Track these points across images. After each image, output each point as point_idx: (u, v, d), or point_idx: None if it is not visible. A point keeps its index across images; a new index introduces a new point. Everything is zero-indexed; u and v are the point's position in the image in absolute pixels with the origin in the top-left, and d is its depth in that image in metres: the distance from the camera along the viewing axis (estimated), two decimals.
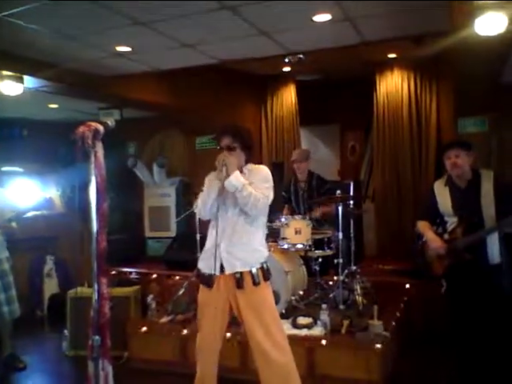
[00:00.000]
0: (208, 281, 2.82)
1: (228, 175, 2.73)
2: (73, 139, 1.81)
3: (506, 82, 5.39)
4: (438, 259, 3.63)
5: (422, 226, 3.77)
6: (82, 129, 1.81)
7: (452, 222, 3.60)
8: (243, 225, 2.82)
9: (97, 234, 1.78)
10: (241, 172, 2.83)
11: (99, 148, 1.81)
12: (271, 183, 2.89)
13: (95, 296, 1.86)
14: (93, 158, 1.78)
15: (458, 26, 3.86)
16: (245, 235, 2.82)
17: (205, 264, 2.86)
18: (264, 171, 2.93)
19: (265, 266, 2.84)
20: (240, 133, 2.95)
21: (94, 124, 1.82)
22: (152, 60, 5.11)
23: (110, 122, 1.91)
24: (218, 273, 2.77)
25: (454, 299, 3.65)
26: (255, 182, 2.82)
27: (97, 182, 1.77)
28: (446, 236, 3.60)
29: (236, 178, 2.73)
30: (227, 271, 2.77)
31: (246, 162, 2.94)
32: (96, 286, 1.86)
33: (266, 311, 2.78)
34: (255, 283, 2.76)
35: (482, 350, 3.58)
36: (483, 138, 5.80)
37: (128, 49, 4.61)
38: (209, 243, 2.89)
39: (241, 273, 2.76)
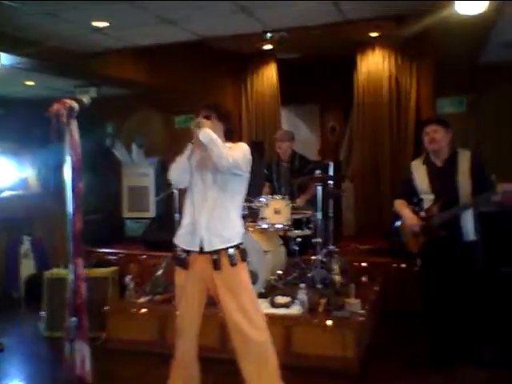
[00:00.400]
0: (183, 262, 2.80)
1: None
2: (47, 117, 1.76)
3: (485, 62, 5.43)
4: (413, 237, 3.69)
5: (399, 205, 3.81)
6: (56, 106, 1.76)
7: (428, 199, 3.65)
8: (222, 200, 2.79)
9: (72, 215, 1.74)
10: None
11: (74, 126, 1.76)
12: (247, 155, 2.82)
13: (71, 277, 1.84)
14: (68, 137, 1.74)
15: (438, 5, 3.85)
16: (224, 211, 2.79)
17: (182, 240, 2.83)
18: (241, 145, 2.89)
19: (241, 246, 2.82)
20: (215, 105, 2.96)
21: (68, 101, 1.77)
22: (130, 36, 4.99)
23: (85, 100, 1.86)
24: (197, 249, 2.75)
25: (429, 276, 3.72)
26: (231, 150, 2.78)
27: (72, 162, 1.73)
28: (423, 213, 3.66)
29: (209, 132, 2.70)
30: (206, 248, 2.74)
31: (227, 138, 2.90)
32: (72, 267, 1.83)
33: (243, 292, 2.77)
34: (232, 264, 2.74)
35: (455, 325, 3.67)
36: (461, 118, 5.85)
37: (105, 24, 4.49)
38: (187, 219, 2.85)
39: (218, 254, 2.74)
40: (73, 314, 1.90)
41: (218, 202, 2.78)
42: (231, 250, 2.75)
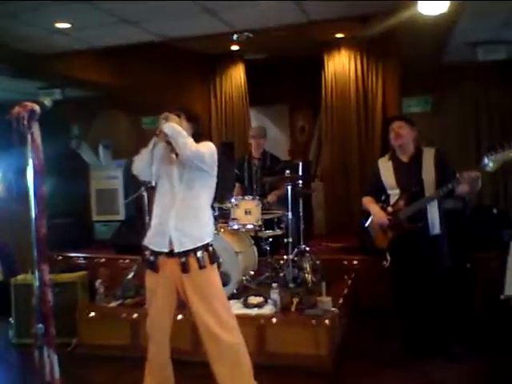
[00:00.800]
0: (153, 265, 2.77)
1: None
2: (8, 120, 1.72)
3: (448, 62, 5.55)
4: (382, 233, 3.75)
5: (367, 201, 3.87)
6: (17, 109, 1.72)
7: (395, 194, 3.71)
8: (190, 199, 2.76)
9: (36, 220, 1.71)
10: None
11: (36, 129, 1.72)
12: (214, 154, 2.81)
13: (37, 283, 1.80)
14: (30, 140, 1.70)
15: (401, 6, 3.92)
16: (192, 210, 2.76)
17: (152, 241, 2.80)
18: (207, 143, 2.87)
19: (210, 248, 2.79)
20: (185, 107, 2.95)
21: (29, 104, 1.73)
22: (92, 37, 4.93)
23: (47, 102, 1.82)
24: (166, 250, 2.73)
25: (398, 271, 3.78)
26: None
27: (34, 165, 1.69)
28: (390, 209, 3.72)
29: (174, 124, 2.69)
30: (176, 249, 2.71)
31: (196, 140, 2.84)
32: (37, 274, 1.79)
33: (213, 294, 2.76)
34: (201, 267, 2.71)
35: (424, 320, 3.74)
36: (426, 117, 5.98)
37: (67, 25, 4.42)
38: (155, 220, 2.82)
39: (186, 256, 2.71)
40: (40, 321, 1.86)
41: (185, 201, 2.76)
42: (199, 253, 2.72)
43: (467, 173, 3.26)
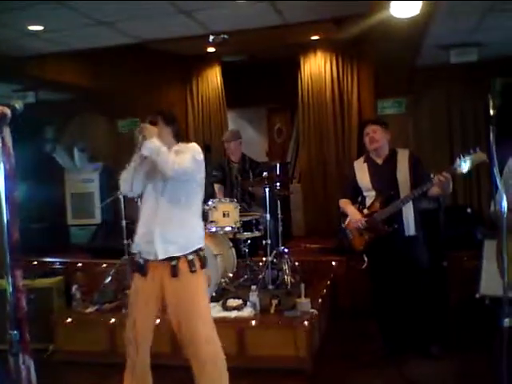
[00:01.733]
0: (142, 268, 2.74)
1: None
2: None
3: (421, 65, 5.63)
4: (359, 234, 3.78)
5: (344, 203, 3.91)
6: None
7: (371, 196, 3.75)
8: (176, 208, 2.72)
9: (8, 225, 1.68)
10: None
11: (7, 133, 1.69)
12: (197, 156, 2.76)
13: (10, 290, 1.77)
14: (0, 144, 1.67)
15: (374, 8, 3.97)
16: (178, 218, 2.73)
17: (139, 249, 2.77)
18: (191, 145, 2.83)
19: (201, 253, 2.77)
20: (161, 109, 2.92)
21: (0, 108, 1.70)
22: (67, 39, 4.88)
23: (18, 106, 1.78)
24: (153, 258, 2.70)
25: (375, 272, 3.82)
26: (180, 154, 2.73)
27: (5, 170, 1.66)
28: (366, 211, 3.75)
29: (152, 142, 2.63)
30: (160, 256, 2.68)
31: (178, 140, 2.86)
32: (10, 280, 1.76)
33: (201, 300, 2.74)
34: (191, 271, 2.69)
35: (403, 320, 3.78)
36: (401, 119, 6.06)
37: (40, 27, 4.37)
38: (141, 229, 2.78)
39: (177, 260, 2.68)
40: (14, 327, 1.83)
41: (171, 210, 2.72)
42: (190, 257, 2.70)
43: (439, 175, 3.31)
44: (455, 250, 4.74)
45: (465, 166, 3.22)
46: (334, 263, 5.21)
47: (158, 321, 3.49)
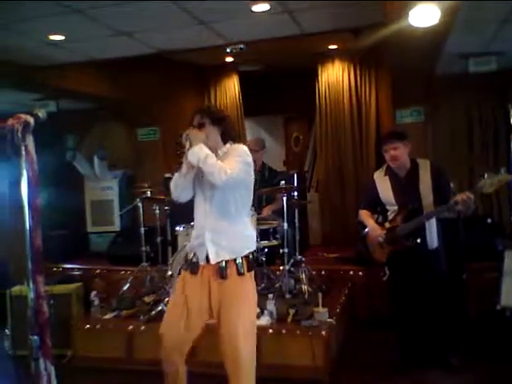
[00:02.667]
0: (194, 267, 2.72)
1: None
2: (2, 133, 1.73)
3: (440, 73, 5.59)
4: (379, 247, 3.74)
5: (364, 215, 3.87)
6: (10, 122, 1.73)
7: (393, 210, 3.71)
8: (225, 213, 2.69)
9: (30, 231, 1.71)
10: (216, 154, 2.69)
11: (30, 141, 1.73)
12: (245, 158, 2.69)
13: (32, 295, 1.80)
14: (23, 152, 1.71)
15: (392, 18, 3.96)
16: (228, 223, 2.70)
17: (192, 251, 2.78)
18: (239, 148, 2.75)
19: (250, 256, 2.73)
20: (208, 108, 2.88)
21: (23, 116, 1.74)
22: (87, 49, 4.95)
23: (41, 114, 1.82)
24: (205, 261, 2.69)
25: (396, 284, 3.78)
26: (228, 159, 2.68)
27: (28, 177, 1.70)
28: (387, 224, 3.72)
29: (199, 149, 2.58)
30: (213, 261, 2.67)
31: (225, 140, 2.80)
32: (32, 285, 1.79)
33: (246, 303, 2.70)
34: (239, 274, 2.66)
35: (422, 331, 3.74)
36: (419, 128, 6.01)
37: (61, 37, 4.45)
38: (195, 232, 2.79)
39: (226, 262, 2.66)
40: (35, 333, 1.86)
41: (220, 215, 2.69)
42: (238, 260, 2.68)
43: (463, 195, 3.28)
44: (475, 261, 4.68)
45: (489, 187, 3.20)
46: (351, 273, 5.18)
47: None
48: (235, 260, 2.67)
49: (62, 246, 6.28)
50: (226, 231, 2.69)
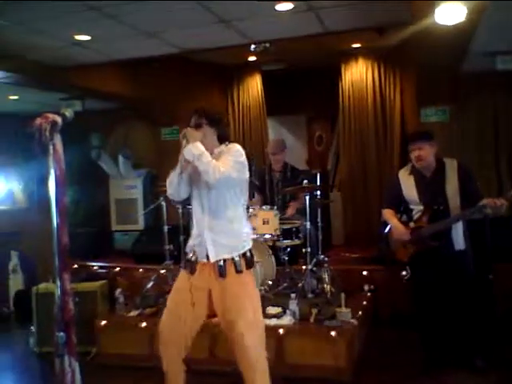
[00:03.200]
0: (192, 264, 2.77)
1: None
2: (30, 132, 1.75)
3: (466, 72, 5.50)
4: (403, 247, 3.70)
5: (387, 214, 3.83)
6: (38, 121, 1.75)
7: (417, 209, 3.66)
8: (221, 211, 2.74)
9: (57, 229, 1.73)
10: (211, 153, 2.73)
11: (58, 140, 1.75)
12: (239, 158, 2.75)
13: (58, 292, 1.82)
14: (51, 151, 1.73)
15: (418, 16, 3.91)
16: (224, 222, 2.75)
17: (193, 249, 2.81)
18: (234, 148, 2.81)
19: (248, 253, 2.78)
20: (205, 109, 2.90)
21: (51, 115, 1.76)
22: (112, 49, 5.00)
23: (68, 114, 1.84)
24: (204, 260, 2.74)
25: (419, 284, 3.73)
26: (222, 158, 2.74)
27: (56, 176, 1.72)
28: (412, 224, 3.67)
29: (194, 147, 2.64)
30: (212, 259, 2.72)
31: (220, 141, 2.86)
32: (59, 283, 1.81)
33: (247, 300, 2.73)
34: (237, 271, 2.71)
35: (446, 333, 3.68)
36: (445, 127, 5.92)
37: (87, 37, 4.51)
38: (194, 231, 2.84)
39: (224, 261, 2.71)
40: (61, 330, 1.88)
41: (217, 214, 2.75)
42: (237, 257, 2.72)
43: (496, 200, 3.22)
44: (502, 261, 4.59)
45: None
46: (373, 273, 5.13)
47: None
48: (233, 258, 2.72)
49: (87, 243, 6.38)
50: (223, 230, 2.75)
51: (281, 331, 3.84)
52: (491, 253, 4.36)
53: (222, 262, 2.70)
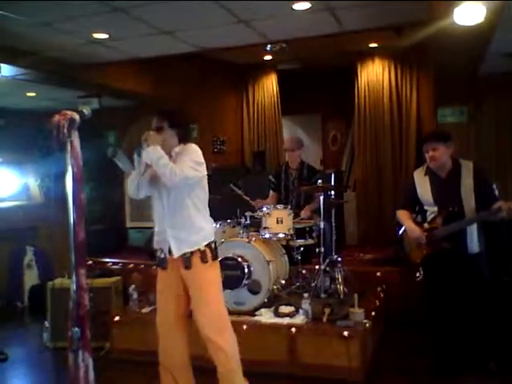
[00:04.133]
0: (163, 262, 2.91)
1: None
2: (48, 128, 1.77)
3: (484, 73, 5.45)
4: (417, 248, 3.68)
5: (402, 215, 3.80)
6: (57, 118, 1.77)
7: (432, 211, 3.63)
8: (181, 207, 2.85)
9: (74, 225, 1.75)
10: (170, 155, 2.85)
11: (75, 137, 1.77)
12: (194, 157, 2.85)
13: (73, 287, 1.84)
14: (69, 148, 1.75)
15: (436, 15, 3.88)
16: (184, 217, 2.85)
17: (157, 246, 2.96)
18: (190, 147, 2.92)
19: (212, 245, 2.91)
20: (167, 112, 2.99)
21: (69, 113, 1.78)
22: (130, 48, 5.03)
23: (86, 111, 1.87)
24: (168, 255, 2.88)
25: (433, 287, 3.70)
26: (179, 158, 2.85)
27: (73, 172, 1.74)
28: (426, 225, 3.64)
29: (153, 150, 2.75)
30: (175, 255, 2.85)
31: (182, 142, 2.95)
32: (74, 278, 1.83)
33: (211, 289, 2.87)
34: (203, 262, 2.83)
35: (459, 336, 3.65)
36: (462, 128, 5.87)
37: (105, 36, 4.54)
38: (156, 227, 2.96)
39: (191, 253, 2.83)
40: (76, 325, 1.90)
41: (177, 210, 2.86)
42: (203, 248, 2.85)
43: (509, 204, 3.19)
44: None
45: None
46: (387, 274, 5.11)
47: None
48: (199, 249, 2.83)
49: (101, 240, 6.42)
50: (184, 226, 2.85)
51: (293, 330, 3.84)
52: (507, 255, 4.33)
53: (188, 254, 2.82)
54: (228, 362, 2.84)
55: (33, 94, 6.42)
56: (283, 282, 4.68)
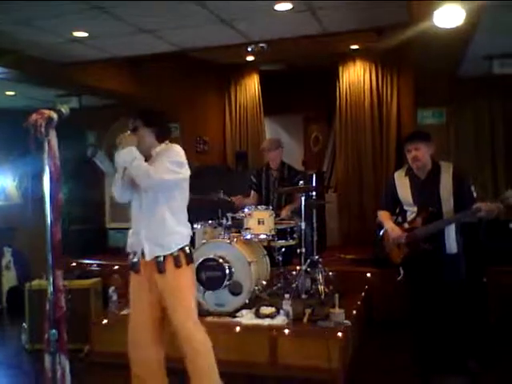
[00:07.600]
0: (135, 266, 2.84)
1: None
2: (25, 127, 1.75)
3: (463, 75, 5.52)
4: (396, 248, 3.70)
5: (383, 216, 3.83)
6: (34, 117, 1.75)
7: (412, 211, 3.66)
8: (157, 210, 2.79)
9: (51, 226, 1.73)
10: (150, 155, 2.81)
11: (53, 136, 1.75)
12: (174, 158, 2.79)
13: (50, 289, 1.82)
14: (46, 147, 1.73)
15: (416, 18, 3.91)
16: (160, 220, 2.79)
17: (132, 249, 2.89)
18: (170, 148, 2.85)
19: (187, 249, 2.83)
20: (142, 112, 2.93)
21: (47, 112, 1.76)
22: (111, 46, 4.98)
23: (64, 110, 1.85)
24: (142, 258, 2.81)
25: (412, 287, 3.73)
26: (157, 160, 2.79)
27: (50, 172, 1.72)
28: (406, 225, 3.67)
29: (127, 152, 2.71)
30: (148, 258, 2.78)
31: (160, 140, 2.88)
32: (51, 279, 1.81)
33: (186, 293, 2.81)
34: (177, 266, 2.77)
35: (439, 335, 3.69)
36: (441, 129, 5.94)
37: (85, 34, 4.49)
38: (131, 229, 2.91)
39: (163, 257, 2.77)
40: (53, 327, 1.87)
41: (153, 212, 2.80)
42: (176, 253, 2.78)
43: (489, 204, 3.23)
44: (496, 265, 4.61)
45: None
46: (368, 274, 5.14)
47: None
48: (172, 254, 2.77)
49: (81, 241, 6.35)
50: (159, 229, 2.79)
51: (274, 331, 3.84)
52: (485, 256, 4.39)
53: (161, 258, 2.76)
54: (202, 366, 2.80)
55: (12, 93, 6.33)
56: (264, 282, 4.67)
